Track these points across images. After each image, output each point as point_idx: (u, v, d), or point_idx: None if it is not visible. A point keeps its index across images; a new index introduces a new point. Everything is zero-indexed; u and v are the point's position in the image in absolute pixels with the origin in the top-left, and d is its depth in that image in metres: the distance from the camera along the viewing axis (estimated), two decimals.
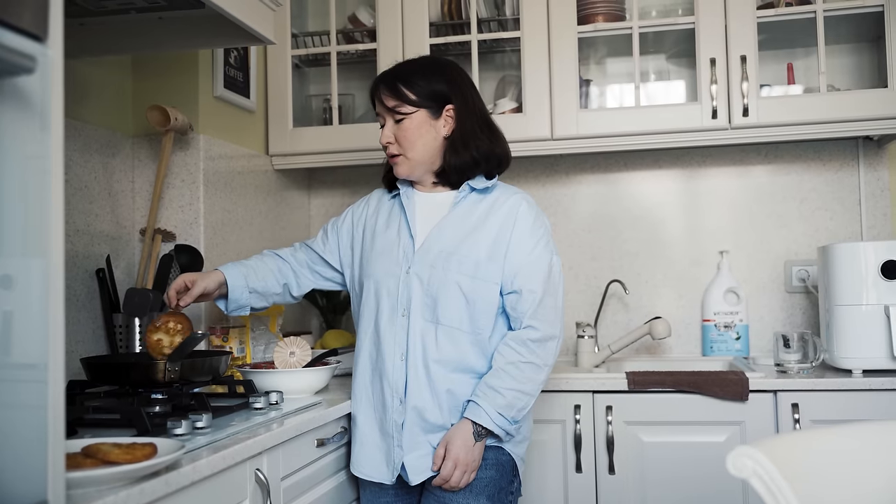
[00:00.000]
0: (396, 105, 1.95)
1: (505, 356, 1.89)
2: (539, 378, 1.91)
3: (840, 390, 2.26)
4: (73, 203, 2.12)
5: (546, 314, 1.91)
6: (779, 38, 2.76)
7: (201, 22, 1.96)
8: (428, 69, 2.00)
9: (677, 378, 2.33)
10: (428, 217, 2.01)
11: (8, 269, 0.96)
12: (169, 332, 1.89)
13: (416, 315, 1.92)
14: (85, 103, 2.20)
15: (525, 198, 2.01)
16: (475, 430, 1.86)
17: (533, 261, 1.93)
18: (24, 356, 0.97)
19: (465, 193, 2.00)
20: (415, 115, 1.95)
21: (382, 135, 2.00)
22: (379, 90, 1.99)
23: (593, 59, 3.00)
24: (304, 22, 3.10)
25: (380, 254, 2.01)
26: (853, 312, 2.35)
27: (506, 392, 1.86)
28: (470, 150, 1.96)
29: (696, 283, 2.94)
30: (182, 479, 1.27)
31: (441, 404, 1.90)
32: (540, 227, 1.97)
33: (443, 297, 1.91)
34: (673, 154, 2.97)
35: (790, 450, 1.15)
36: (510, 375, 1.87)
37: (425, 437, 1.91)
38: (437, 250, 1.94)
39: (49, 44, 0.94)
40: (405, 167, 1.99)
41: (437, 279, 1.92)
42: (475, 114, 2.00)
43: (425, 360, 1.91)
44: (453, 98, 1.97)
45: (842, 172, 2.87)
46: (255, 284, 2.07)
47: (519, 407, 1.88)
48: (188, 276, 1.99)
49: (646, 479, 2.36)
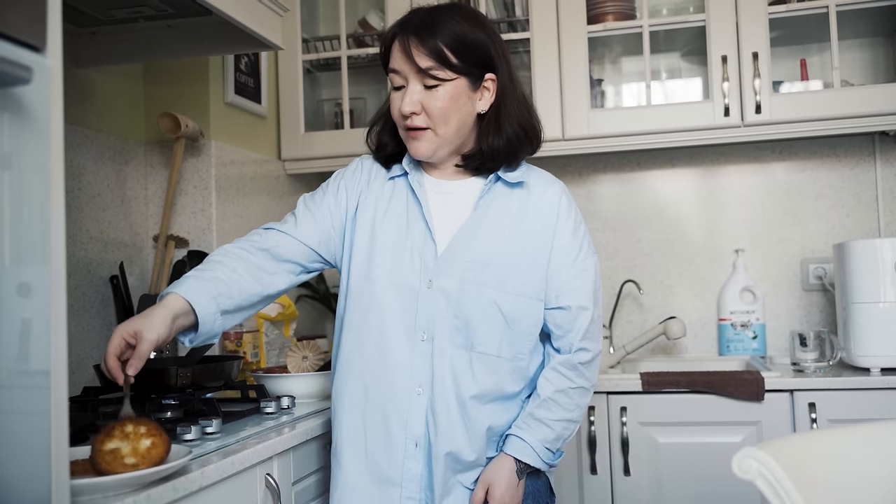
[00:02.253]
0: (433, 67, 1.54)
1: (554, 383, 1.62)
2: (586, 401, 1.66)
3: (858, 389, 2.24)
4: (86, 210, 2.13)
5: (597, 332, 1.65)
6: (791, 33, 2.74)
7: (210, 29, 1.98)
8: (472, 25, 1.57)
9: (692, 378, 2.32)
10: (444, 212, 1.64)
11: (19, 277, 0.97)
12: (128, 438, 1.22)
13: (444, 340, 1.57)
14: (97, 112, 2.21)
15: (563, 189, 1.69)
16: (519, 468, 1.59)
17: (580, 271, 1.63)
18: (31, 363, 0.98)
19: (490, 185, 1.65)
20: (455, 83, 1.56)
21: (405, 101, 1.56)
22: (408, 42, 1.55)
23: (608, 59, 3.00)
24: (314, 27, 3.11)
25: (386, 255, 1.62)
26: (871, 310, 2.32)
27: (554, 424, 1.60)
28: (513, 129, 1.61)
29: (711, 282, 2.92)
30: (190, 484, 1.28)
31: (479, 443, 1.60)
32: (581, 225, 1.67)
33: (477, 319, 1.57)
34: (686, 152, 2.95)
35: (797, 451, 1.14)
36: (559, 405, 1.61)
37: (457, 477, 1.60)
38: (466, 259, 1.59)
39: (47, 54, 0.95)
40: (429, 145, 1.60)
41: (470, 296, 1.57)
42: (518, 87, 1.64)
43: (459, 395, 1.57)
44: (498, 66, 1.60)
45: (858, 168, 2.84)
46: (227, 304, 1.53)
47: (566, 437, 1.64)
48: (126, 329, 1.40)
49: (661, 480, 2.34)
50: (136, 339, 1.39)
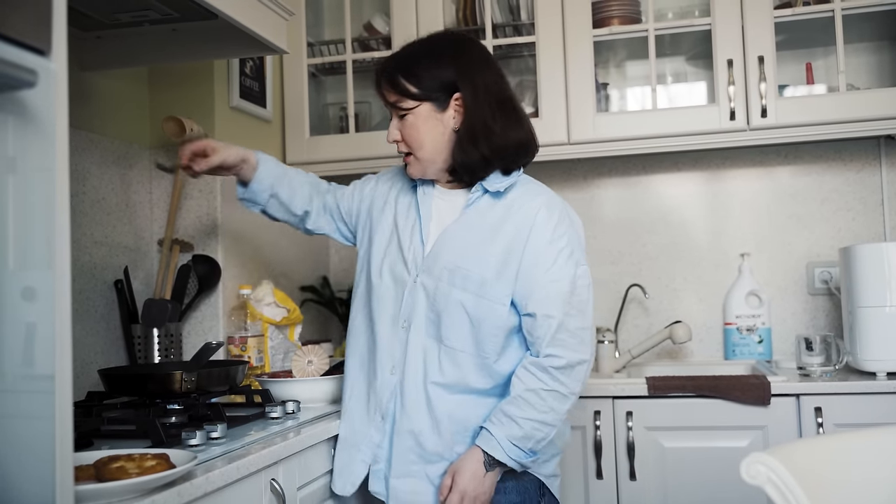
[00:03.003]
0: (398, 100, 1.75)
1: (525, 382, 1.69)
2: (563, 408, 1.70)
3: (864, 393, 2.23)
4: (90, 215, 2.13)
5: (567, 340, 1.69)
6: (797, 37, 2.73)
7: (215, 33, 1.98)
8: (433, 53, 1.77)
9: (698, 383, 2.31)
10: (442, 219, 1.82)
11: (24, 281, 0.97)
12: (134, 460, 1.26)
13: (419, 330, 1.75)
14: (102, 115, 2.21)
15: (547, 202, 1.77)
16: (486, 460, 1.68)
17: (550, 280, 1.70)
18: (36, 367, 0.98)
19: (477, 195, 1.79)
20: (418, 110, 1.74)
21: (389, 132, 1.80)
22: (380, 83, 1.79)
23: (613, 63, 2.99)
24: (319, 31, 3.11)
25: (391, 251, 1.83)
26: (877, 314, 2.31)
27: (523, 423, 1.66)
28: (479, 147, 1.73)
29: (717, 286, 2.91)
30: (195, 490, 1.27)
31: (441, 430, 1.72)
32: (561, 238, 1.73)
33: (446, 316, 1.73)
34: (692, 156, 2.94)
35: (806, 456, 1.13)
36: (529, 404, 1.67)
37: (422, 466, 1.73)
38: (443, 261, 1.76)
39: (53, 57, 0.95)
40: (417, 168, 1.80)
41: (442, 294, 1.73)
42: (487, 100, 1.74)
43: (424, 381, 1.74)
44: (461, 85, 1.73)
45: (863, 172, 2.83)
46: (281, 192, 1.94)
47: (538, 438, 1.68)
48: (210, 143, 1.87)
49: (667, 485, 2.33)
50: (211, 152, 1.84)
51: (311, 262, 3.02)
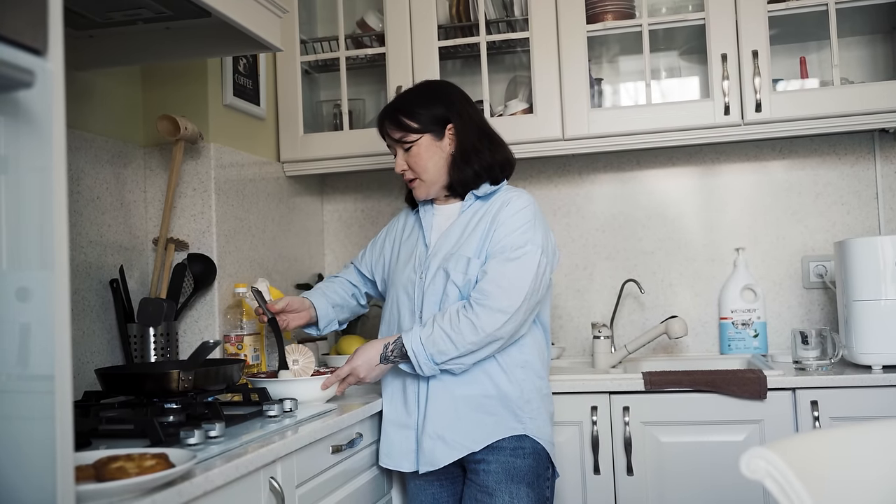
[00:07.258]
0: (402, 136, 2.12)
1: (455, 305, 2.00)
2: (472, 339, 1.94)
3: (860, 387, 2.23)
4: (85, 214, 2.13)
5: (494, 290, 1.95)
6: (791, 31, 2.73)
7: (208, 31, 1.97)
8: (424, 95, 2.15)
9: (694, 377, 2.31)
10: (441, 227, 2.16)
11: (17, 282, 0.97)
12: (133, 460, 1.27)
13: (428, 313, 2.05)
14: (95, 115, 2.21)
15: (522, 195, 2.11)
16: (384, 354, 1.99)
17: (503, 241, 2.01)
18: (34, 367, 0.97)
19: (470, 202, 2.15)
20: (421, 141, 2.10)
21: (396, 164, 2.15)
22: (384, 125, 2.15)
23: (606, 58, 2.99)
24: (312, 28, 3.10)
25: (402, 264, 2.17)
26: (872, 307, 2.32)
27: (436, 328, 1.95)
28: (472, 164, 2.11)
29: (712, 280, 2.92)
30: (194, 489, 1.27)
31: (460, 414, 2.03)
32: (524, 214, 2.05)
33: (446, 298, 2.04)
34: (686, 151, 2.95)
35: (805, 450, 1.14)
36: (446, 318, 1.96)
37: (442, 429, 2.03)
38: (442, 254, 2.09)
39: (49, 57, 0.94)
40: (423, 189, 2.15)
41: (441, 280, 2.06)
42: (474, 129, 2.13)
43: None
44: (452, 118, 2.11)
45: (858, 166, 2.84)
46: (340, 315, 2.35)
47: (441, 349, 1.94)
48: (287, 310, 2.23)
49: (664, 479, 2.34)
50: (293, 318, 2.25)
51: (307, 260, 3.01)
